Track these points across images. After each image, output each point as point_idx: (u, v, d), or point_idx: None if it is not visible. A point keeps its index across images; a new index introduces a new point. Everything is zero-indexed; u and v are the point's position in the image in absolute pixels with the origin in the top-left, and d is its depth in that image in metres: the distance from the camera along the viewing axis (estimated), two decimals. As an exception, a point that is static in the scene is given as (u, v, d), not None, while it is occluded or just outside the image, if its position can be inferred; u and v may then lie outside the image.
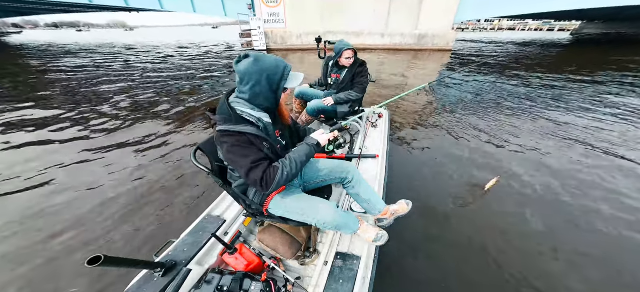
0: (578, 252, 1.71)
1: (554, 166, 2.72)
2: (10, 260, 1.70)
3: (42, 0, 14.52)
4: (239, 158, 0.88)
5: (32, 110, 4.59)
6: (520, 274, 1.57)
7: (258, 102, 0.92)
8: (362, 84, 2.16)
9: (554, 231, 1.89)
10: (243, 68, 0.85)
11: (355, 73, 2.15)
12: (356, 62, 2.15)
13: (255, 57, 0.85)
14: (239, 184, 1.09)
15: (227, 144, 0.88)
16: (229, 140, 0.88)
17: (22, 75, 7.73)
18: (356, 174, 1.28)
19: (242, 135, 0.88)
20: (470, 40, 22.05)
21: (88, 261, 0.70)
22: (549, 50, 13.83)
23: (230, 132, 0.88)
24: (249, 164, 0.87)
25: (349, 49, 2.07)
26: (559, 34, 40.72)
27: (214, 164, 1.07)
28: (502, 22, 70.24)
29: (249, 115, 0.93)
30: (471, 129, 3.70)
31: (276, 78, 0.88)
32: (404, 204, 1.40)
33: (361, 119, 2.47)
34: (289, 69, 0.91)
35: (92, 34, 49.12)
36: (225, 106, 0.91)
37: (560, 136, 3.46)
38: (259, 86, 0.87)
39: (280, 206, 1.10)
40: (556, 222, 1.98)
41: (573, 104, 4.85)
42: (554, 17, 34.63)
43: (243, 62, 0.86)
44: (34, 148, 3.21)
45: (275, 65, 0.87)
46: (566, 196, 2.27)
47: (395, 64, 9.91)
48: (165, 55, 12.62)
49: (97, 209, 2.14)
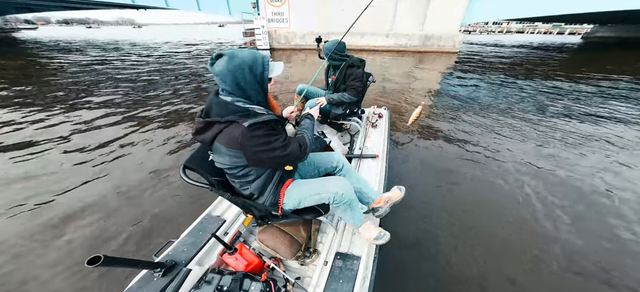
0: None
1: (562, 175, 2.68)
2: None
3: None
4: (272, 143, 0.90)
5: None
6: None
7: (247, 96, 0.89)
8: (355, 88, 2.08)
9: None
10: (220, 68, 0.82)
11: (345, 75, 2.11)
12: (346, 63, 2.10)
13: (231, 54, 0.83)
14: (256, 187, 1.04)
15: (256, 136, 0.85)
16: (258, 131, 0.86)
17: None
18: (345, 162, 1.33)
19: (266, 123, 0.89)
20: (477, 43, 21.70)
21: (88, 261, 0.69)
22: (573, 54, 13.37)
23: (259, 125, 0.86)
24: (281, 142, 0.92)
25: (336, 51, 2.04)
26: (570, 37, 39.92)
27: (210, 178, 1.00)
28: (511, 25, 69.22)
29: (257, 109, 0.92)
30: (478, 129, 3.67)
31: (258, 69, 0.87)
32: (397, 191, 1.39)
33: (361, 119, 2.48)
34: (267, 59, 0.91)
35: (101, 31, 49.82)
36: (231, 105, 0.86)
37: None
38: (244, 81, 0.85)
39: (294, 197, 1.09)
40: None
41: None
42: (564, 20, 33.89)
43: (218, 62, 0.83)
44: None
45: (254, 57, 0.86)
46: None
47: (399, 66, 9.85)
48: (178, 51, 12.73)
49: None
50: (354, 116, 2.19)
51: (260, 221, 1.21)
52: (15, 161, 2.84)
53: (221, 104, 0.87)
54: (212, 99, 0.90)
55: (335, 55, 2.06)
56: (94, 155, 2.98)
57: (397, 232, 1.60)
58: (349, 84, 2.08)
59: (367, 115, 2.62)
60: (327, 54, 2.07)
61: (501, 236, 1.88)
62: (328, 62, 2.25)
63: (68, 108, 4.56)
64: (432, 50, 14.13)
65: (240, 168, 0.97)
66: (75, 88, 5.93)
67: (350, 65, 2.07)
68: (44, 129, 3.67)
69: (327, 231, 1.42)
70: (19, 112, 4.29)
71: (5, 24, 37.51)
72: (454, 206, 2.17)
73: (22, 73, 7.54)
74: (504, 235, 1.89)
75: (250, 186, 1.04)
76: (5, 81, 6.44)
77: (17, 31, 32.27)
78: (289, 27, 14.85)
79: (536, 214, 2.08)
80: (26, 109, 4.47)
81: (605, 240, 1.85)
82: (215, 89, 0.94)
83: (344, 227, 1.35)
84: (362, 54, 12.41)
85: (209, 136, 0.87)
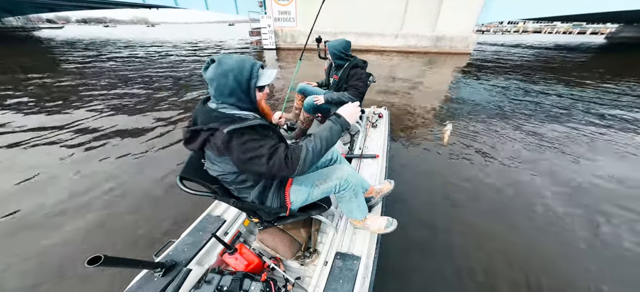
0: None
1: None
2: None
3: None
4: (256, 150, 0.82)
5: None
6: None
7: (232, 103, 0.87)
8: (357, 89, 2.04)
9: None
10: (209, 74, 0.83)
11: (348, 75, 2.08)
12: (350, 63, 2.07)
13: (219, 61, 0.82)
14: (256, 194, 1.01)
15: (239, 143, 0.81)
16: (240, 139, 0.81)
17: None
18: (339, 154, 1.34)
19: (252, 128, 0.84)
20: (493, 44, 20.72)
21: (88, 261, 0.69)
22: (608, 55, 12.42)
23: (241, 130, 0.81)
24: (267, 150, 0.83)
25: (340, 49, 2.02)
26: (592, 37, 37.93)
27: (210, 187, 0.98)
28: (527, 25, 66.77)
29: (246, 116, 0.89)
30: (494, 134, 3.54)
31: (243, 78, 0.84)
32: (387, 183, 1.47)
33: (361, 119, 2.49)
34: (257, 67, 0.86)
35: (118, 29, 51.28)
36: (214, 112, 0.85)
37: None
38: (228, 87, 0.83)
39: (302, 193, 1.07)
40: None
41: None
42: (586, 20, 32.24)
43: (209, 68, 0.84)
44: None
45: (240, 65, 0.83)
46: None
47: (408, 68, 9.62)
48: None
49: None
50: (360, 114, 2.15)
51: (266, 224, 1.20)
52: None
53: (205, 111, 0.86)
54: (199, 107, 0.89)
55: (340, 54, 2.04)
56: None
57: (398, 231, 1.59)
58: (352, 83, 2.05)
59: (367, 115, 2.62)
60: (332, 53, 2.05)
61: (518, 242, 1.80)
62: (330, 61, 2.23)
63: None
64: (443, 52, 13.73)
65: (235, 174, 0.94)
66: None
67: (355, 66, 2.04)
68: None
69: (327, 231, 1.42)
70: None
71: (26, 23, 39.30)
72: (455, 206, 2.13)
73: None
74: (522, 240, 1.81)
75: (249, 193, 1.02)
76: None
77: (38, 30, 33.72)
78: (295, 26, 14.75)
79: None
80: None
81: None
82: (205, 96, 0.93)
83: (344, 227, 1.34)
84: (369, 55, 12.26)
85: (197, 145, 0.86)
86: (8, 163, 2.76)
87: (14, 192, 2.29)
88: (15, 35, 22.51)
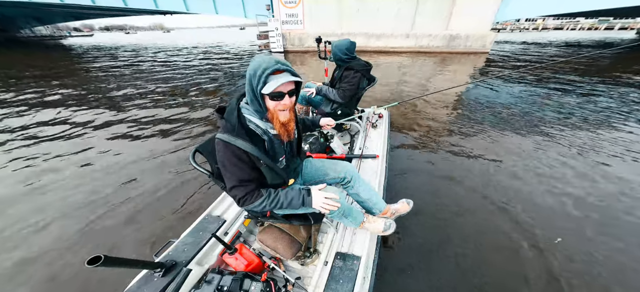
0: None
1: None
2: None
3: (79, 5, 16.37)
4: (228, 172, 0.88)
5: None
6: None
7: (252, 106, 0.86)
8: (344, 91, 2.05)
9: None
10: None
11: (341, 76, 2.10)
12: (347, 64, 2.07)
13: (252, 60, 0.81)
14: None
15: (221, 154, 0.86)
16: (224, 152, 0.85)
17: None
18: (355, 174, 1.28)
19: (239, 150, 0.84)
20: (516, 42, 18.98)
21: (88, 261, 0.68)
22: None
23: (227, 144, 0.83)
24: (235, 181, 0.88)
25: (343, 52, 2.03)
26: (621, 33, 35.31)
27: (214, 166, 1.02)
28: (547, 21, 63.30)
29: (256, 126, 0.88)
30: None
31: (254, 82, 0.78)
32: (405, 204, 1.42)
33: (361, 119, 2.50)
34: (267, 71, 0.75)
35: (139, 36, 53.57)
36: (234, 113, 0.85)
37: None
38: (247, 88, 0.83)
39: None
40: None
41: None
42: (613, 14, 29.98)
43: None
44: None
45: (255, 67, 0.77)
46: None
47: (418, 69, 9.23)
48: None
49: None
50: (343, 118, 2.15)
51: (258, 220, 1.22)
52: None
53: (230, 107, 0.89)
54: (234, 99, 0.92)
55: (341, 55, 2.04)
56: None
57: (398, 232, 1.55)
58: (341, 85, 2.10)
59: (367, 115, 2.60)
60: (334, 53, 2.07)
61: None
62: (331, 60, 2.24)
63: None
64: (457, 52, 13.13)
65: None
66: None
67: (348, 68, 2.06)
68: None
69: (327, 231, 1.42)
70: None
71: (54, 32, 42.13)
72: (457, 208, 2.06)
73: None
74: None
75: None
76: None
77: (65, 38, 36.06)
78: (303, 28, 14.69)
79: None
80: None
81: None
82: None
83: (344, 227, 1.33)
84: (379, 57, 12.01)
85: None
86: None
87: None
88: (44, 42, 24.18)
